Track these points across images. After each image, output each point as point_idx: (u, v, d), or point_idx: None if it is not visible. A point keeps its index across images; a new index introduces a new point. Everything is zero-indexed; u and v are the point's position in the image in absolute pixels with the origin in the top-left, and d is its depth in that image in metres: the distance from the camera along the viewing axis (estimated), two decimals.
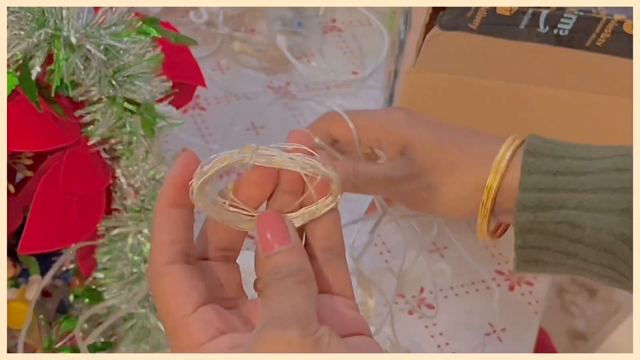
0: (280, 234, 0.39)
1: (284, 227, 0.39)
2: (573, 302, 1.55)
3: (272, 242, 0.39)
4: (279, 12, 0.96)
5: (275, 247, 0.38)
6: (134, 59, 0.50)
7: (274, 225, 0.39)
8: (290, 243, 0.39)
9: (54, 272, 0.60)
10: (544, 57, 0.67)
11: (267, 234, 0.39)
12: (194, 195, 0.39)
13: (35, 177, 0.57)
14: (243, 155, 0.39)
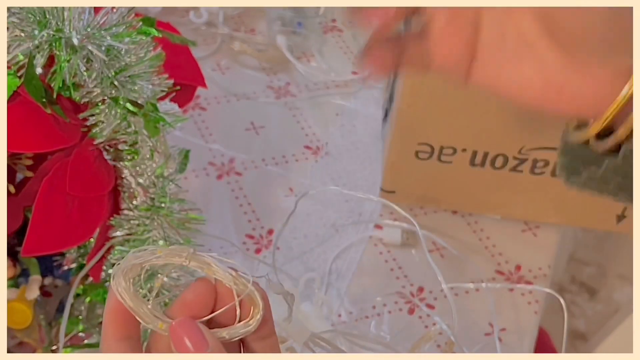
0: (197, 338, 0.38)
1: (199, 331, 0.38)
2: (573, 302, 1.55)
3: (190, 349, 0.37)
4: (279, 12, 0.96)
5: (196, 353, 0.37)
6: (136, 59, 0.50)
7: (189, 331, 0.38)
8: (208, 346, 0.38)
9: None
10: None
11: (185, 340, 0.38)
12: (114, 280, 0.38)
13: (36, 178, 0.57)
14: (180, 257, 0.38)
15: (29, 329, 0.63)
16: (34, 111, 0.50)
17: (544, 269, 0.81)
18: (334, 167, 0.87)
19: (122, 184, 0.56)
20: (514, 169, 0.77)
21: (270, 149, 0.87)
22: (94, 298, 0.63)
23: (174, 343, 0.38)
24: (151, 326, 0.38)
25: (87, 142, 0.54)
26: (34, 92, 0.49)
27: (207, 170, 0.84)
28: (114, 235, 0.57)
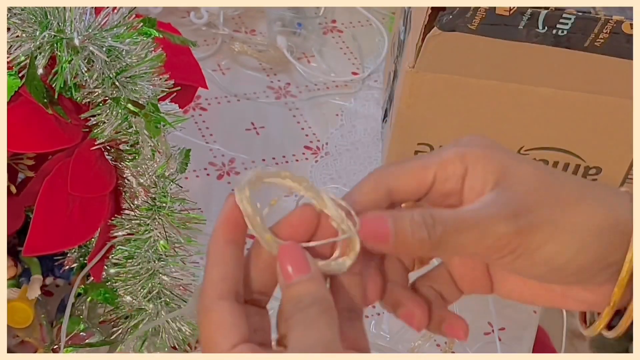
0: (300, 263, 0.40)
1: (304, 257, 0.40)
2: None
3: (292, 272, 0.39)
4: (279, 13, 0.96)
5: (296, 276, 0.39)
6: (136, 59, 0.51)
7: (293, 255, 0.40)
8: (310, 272, 0.39)
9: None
10: (543, 57, 0.67)
11: (288, 263, 0.40)
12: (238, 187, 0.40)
13: (37, 178, 0.58)
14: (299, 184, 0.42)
15: (30, 329, 0.63)
16: (36, 111, 0.50)
17: None
18: (334, 167, 0.87)
19: (123, 184, 0.56)
20: None
21: (270, 149, 0.87)
22: (95, 297, 0.63)
23: (280, 262, 0.40)
24: (259, 235, 0.40)
25: (89, 143, 0.54)
26: (35, 92, 0.49)
27: (208, 170, 0.85)
28: (115, 235, 0.57)
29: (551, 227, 0.41)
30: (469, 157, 0.42)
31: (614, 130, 0.73)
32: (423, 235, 0.40)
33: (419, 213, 0.41)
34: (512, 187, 0.41)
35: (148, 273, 0.58)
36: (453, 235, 0.40)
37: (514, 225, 0.40)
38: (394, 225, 0.40)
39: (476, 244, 0.41)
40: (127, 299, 0.59)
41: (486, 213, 0.41)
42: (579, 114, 0.72)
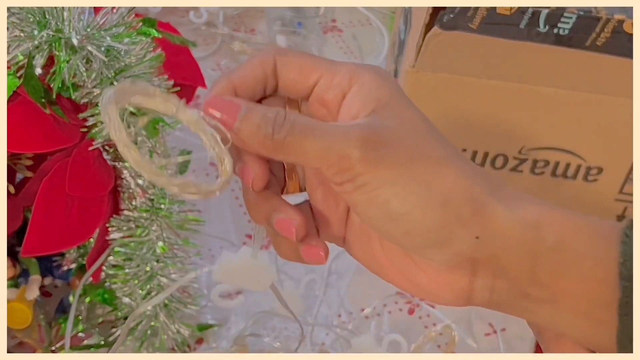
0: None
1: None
2: None
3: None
4: (279, 13, 0.96)
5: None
6: (135, 59, 0.50)
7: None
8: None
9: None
10: (544, 56, 0.67)
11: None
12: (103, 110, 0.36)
13: (36, 178, 0.57)
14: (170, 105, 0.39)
15: (29, 329, 0.63)
16: (34, 111, 0.50)
17: None
18: None
19: (122, 184, 0.56)
20: (514, 169, 0.77)
21: None
22: (93, 298, 0.63)
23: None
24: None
25: (87, 143, 0.54)
26: (33, 92, 0.49)
27: (207, 170, 0.84)
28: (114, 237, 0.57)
29: (400, 170, 0.38)
30: (360, 77, 0.40)
31: (615, 130, 0.72)
32: (267, 131, 0.38)
33: (275, 110, 0.38)
34: (384, 119, 0.39)
35: (147, 275, 0.58)
36: (297, 138, 0.38)
37: (363, 151, 0.37)
38: (245, 113, 0.38)
39: (319, 156, 0.38)
40: (126, 301, 0.59)
41: (341, 129, 0.38)
42: (581, 114, 0.72)
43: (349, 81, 0.40)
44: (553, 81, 0.70)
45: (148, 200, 0.56)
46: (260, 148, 0.38)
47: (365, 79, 0.40)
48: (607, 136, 0.73)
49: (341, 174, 0.38)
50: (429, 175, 0.38)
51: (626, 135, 0.72)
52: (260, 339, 0.71)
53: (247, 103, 0.39)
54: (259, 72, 0.41)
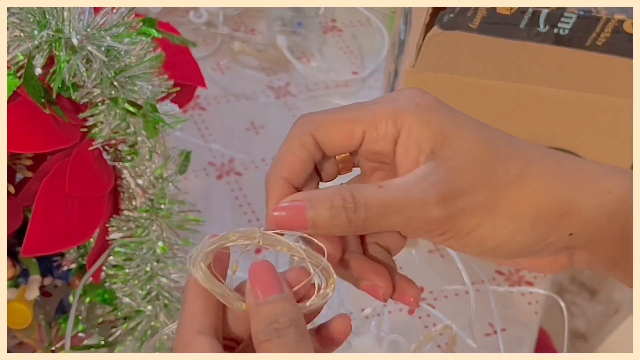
0: (273, 282, 0.38)
1: (277, 276, 0.38)
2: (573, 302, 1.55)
3: (264, 291, 0.38)
4: (279, 12, 0.96)
5: (269, 295, 0.37)
6: (135, 59, 0.50)
7: (266, 273, 0.38)
8: (284, 292, 0.38)
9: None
10: (544, 56, 0.67)
11: (260, 282, 0.38)
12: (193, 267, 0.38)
13: (36, 178, 0.57)
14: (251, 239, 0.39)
15: (29, 329, 0.63)
16: (34, 111, 0.50)
17: None
18: None
19: (122, 184, 0.56)
20: None
21: (270, 149, 0.87)
22: (93, 298, 0.63)
23: (251, 280, 0.38)
24: (235, 307, 0.39)
25: (87, 143, 0.54)
26: (32, 92, 0.49)
27: (207, 170, 0.84)
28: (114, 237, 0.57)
29: (484, 211, 0.39)
30: (404, 119, 0.39)
31: (615, 130, 0.72)
32: (343, 221, 0.38)
33: (339, 198, 0.38)
34: (447, 161, 0.39)
35: (147, 275, 0.58)
36: (377, 219, 0.38)
37: (445, 211, 0.38)
38: (312, 212, 0.38)
39: (403, 226, 0.39)
40: (126, 301, 0.59)
41: (415, 195, 0.38)
42: (580, 113, 0.72)
43: (394, 126, 0.40)
44: (553, 81, 0.70)
45: (148, 201, 0.56)
46: (340, 234, 0.40)
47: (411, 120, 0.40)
48: (607, 136, 0.73)
49: (429, 233, 0.39)
50: (510, 202, 0.39)
51: (626, 135, 0.72)
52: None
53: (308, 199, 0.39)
54: (303, 154, 0.41)
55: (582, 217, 0.40)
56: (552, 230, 0.40)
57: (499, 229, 0.39)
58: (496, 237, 0.39)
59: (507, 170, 0.39)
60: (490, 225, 0.39)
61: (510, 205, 0.39)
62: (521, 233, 0.39)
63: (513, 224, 0.39)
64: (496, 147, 0.40)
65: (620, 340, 1.11)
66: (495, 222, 0.39)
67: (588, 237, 0.40)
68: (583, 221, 0.40)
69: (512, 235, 0.39)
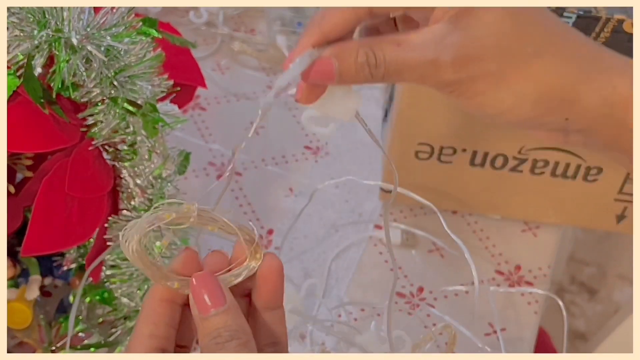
0: (215, 295, 0.40)
1: (219, 288, 0.40)
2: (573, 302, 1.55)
3: (208, 305, 0.39)
4: (279, 12, 0.96)
5: (211, 310, 0.39)
6: (135, 59, 0.50)
7: (209, 286, 0.40)
8: (225, 304, 0.40)
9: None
10: None
11: (203, 295, 0.40)
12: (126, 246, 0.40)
13: (36, 178, 0.57)
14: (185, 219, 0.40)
15: (29, 329, 0.63)
16: (34, 111, 0.50)
17: (544, 269, 0.81)
18: (334, 167, 0.87)
19: (121, 184, 0.56)
20: (514, 169, 0.77)
21: (270, 149, 0.87)
22: (93, 298, 0.63)
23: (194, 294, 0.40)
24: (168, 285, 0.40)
25: (87, 142, 0.54)
26: (32, 92, 0.49)
27: (207, 170, 0.84)
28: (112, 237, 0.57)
29: (491, 80, 0.42)
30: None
31: None
32: (366, 75, 0.42)
33: (363, 53, 0.42)
34: (467, 28, 0.41)
35: (144, 275, 0.58)
36: (394, 75, 0.42)
37: (455, 75, 0.41)
38: (338, 66, 0.42)
39: (417, 82, 0.43)
40: (124, 301, 0.59)
41: (429, 56, 0.41)
42: None
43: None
44: None
45: (147, 200, 0.56)
46: (365, 83, 0.43)
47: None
48: None
49: (440, 89, 0.43)
50: (518, 78, 0.42)
51: None
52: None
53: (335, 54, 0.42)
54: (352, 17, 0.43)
55: (582, 106, 0.42)
56: (551, 113, 0.43)
57: (500, 101, 0.42)
58: (496, 107, 0.43)
59: (524, 46, 0.42)
60: (493, 95, 0.42)
61: (517, 80, 0.42)
62: (520, 109, 0.42)
63: (515, 99, 0.42)
64: (519, 22, 0.42)
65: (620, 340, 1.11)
66: (499, 94, 0.42)
67: (584, 124, 0.43)
68: (582, 110, 0.42)
69: (511, 109, 0.43)
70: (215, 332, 0.39)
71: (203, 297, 0.39)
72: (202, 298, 0.39)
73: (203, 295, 0.39)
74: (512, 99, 0.42)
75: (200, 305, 0.39)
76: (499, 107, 0.42)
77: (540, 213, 0.83)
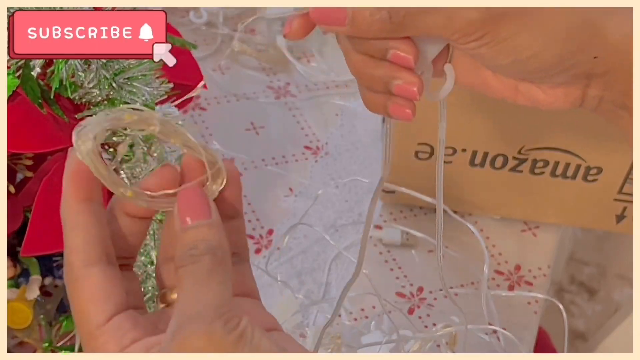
0: (202, 207, 0.37)
1: (206, 201, 0.37)
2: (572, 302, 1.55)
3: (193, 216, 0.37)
4: (279, 12, 0.96)
5: (194, 221, 0.37)
6: (134, 61, 0.50)
7: (196, 199, 0.37)
8: (210, 217, 0.37)
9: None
10: None
11: (188, 207, 0.37)
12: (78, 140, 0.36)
13: (36, 178, 0.57)
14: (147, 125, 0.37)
15: (29, 329, 0.63)
16: (34, 111, 0.50)
17: (544, 269, 0.81)
18: (334, 167, 0.87)
19: None
20: (514, 169, 0.77)
21: (270, 149, 0.87)
22: None
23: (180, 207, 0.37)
24: (117, 192, 0.38)
25: None
26: (30, 93, 0.49)
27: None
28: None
29: (524, 18, 0.40)
30: None
31: (614, 130, 0.72)
32: (383, 16, 0.39)
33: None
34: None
35: (141, 278, 0.58)
36: (417, 16, 0.39)
37: (486, 11, 0.39)
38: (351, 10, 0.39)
39: (442, 27, 0.40)
40: None
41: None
42: (580, 114, 0.72)
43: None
44: None
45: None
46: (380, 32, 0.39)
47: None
48: (607, 136, 0.73)
49: (466, 37, 0.40)
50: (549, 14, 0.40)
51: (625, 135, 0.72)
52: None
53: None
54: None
55: (609, 40, 0.41)
56: (581, 49, 0.41)
57: (534, 39, 0.41)
58: (530, 47, 0.41)
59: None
60: (527, 34, 0.40)
61: (548, 17, 0.41)
62: (554, 46, 0.41)
63: (548, 36, 0.41)
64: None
65: (619, 340, 1.11)
66: (532, 32, 0.40)
67: (609, 64, 0.42)
68: (609, 44, 0.42)
69: (544, 47, 0.41)
70: (192, 244, 0.36)
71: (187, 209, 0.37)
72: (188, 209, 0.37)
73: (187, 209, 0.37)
74: (545, 37, 0.41)
75: (188, 214, 0.37)
76: (533, 47, 0.41)
77: (540, 213, 0.83)
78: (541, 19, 0.41)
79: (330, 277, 0.77)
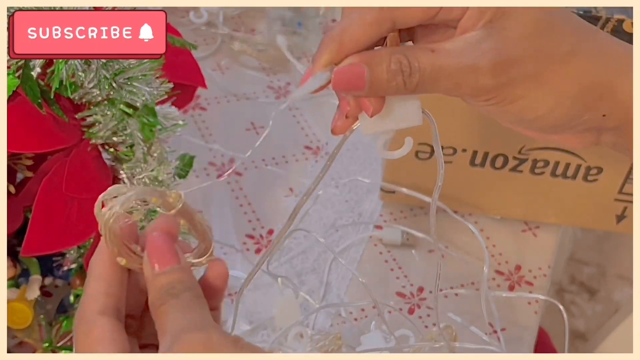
0: (171, 253, 0.40)
1: (173, 247, 0.40)
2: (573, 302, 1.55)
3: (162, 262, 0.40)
4: (279, 12, 0.96)
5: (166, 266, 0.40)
6: (134, 61, 0.50)
7: (163, 245, 0.40)
8: (180, 263, 0.40)
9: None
10: None
11: (157, 253, 0.40)
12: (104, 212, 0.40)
13: (36, 178, 0.57)
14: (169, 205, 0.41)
15: (29, 329, 0.63)
16: (34, 111, 0.50)
17: (544, 269, 0.81)
18: (334, 167, 0.87)
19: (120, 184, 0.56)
20: (514, 169, 0.77)
21: (270, 149, 0.87)
22: None
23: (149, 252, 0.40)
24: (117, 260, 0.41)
25: (86, 142, 0.54)
26: (30, 93, 0.49)
27: (207, 170, 0.84)
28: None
29: (531, 83, 0.41)
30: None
31: None
32: (399, 84, 0.40)
33: (396, 60, 0.40)
34: (503, 31, 0.40)
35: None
36: (429, 83, 0.40)
37: (494, 80, 0.40)
38: (369, 75, 0.40)
39: (452, 90, 0.41)
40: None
41: (466, 62, 0.40)
42: None
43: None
44: None
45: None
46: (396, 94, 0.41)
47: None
48: None
49: (476, 98, 0.42)
50: (557, 77, 0.41)
51: None
52: (261, 338, 0.72)
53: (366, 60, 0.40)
54: (375, 31, 0.41)
55: (618, 100, 0.42)
56: (589, 109, 0.42)
57: (540, 102, 0.41)
58: (536, 109, 0.42)
59: (559, 45, 0.41)
60: (534, 97, 0.41)
61: (556, 80, 0.41)
62: (560, 109, 0.42)
63: (555, 99, 0.41)
64: (552, 22, 0.41)
65: (620, 340, 1.11)
66: (539, 95, 0.41)
67: (619, 120, 0.43)
68: (618, 104, 0.42)
69: (551, 110, 0.42)
70: (169, 285, 0.39)
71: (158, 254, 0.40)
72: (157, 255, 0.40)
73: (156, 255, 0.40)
74: (552, 100, 0.41)
75: (157, 260, 0.40)
76: (539, 110, 0.42)
77: (540, 213, 0.83)
78: (549, 82, 0.41)
79: (331, 277, 0.77)
